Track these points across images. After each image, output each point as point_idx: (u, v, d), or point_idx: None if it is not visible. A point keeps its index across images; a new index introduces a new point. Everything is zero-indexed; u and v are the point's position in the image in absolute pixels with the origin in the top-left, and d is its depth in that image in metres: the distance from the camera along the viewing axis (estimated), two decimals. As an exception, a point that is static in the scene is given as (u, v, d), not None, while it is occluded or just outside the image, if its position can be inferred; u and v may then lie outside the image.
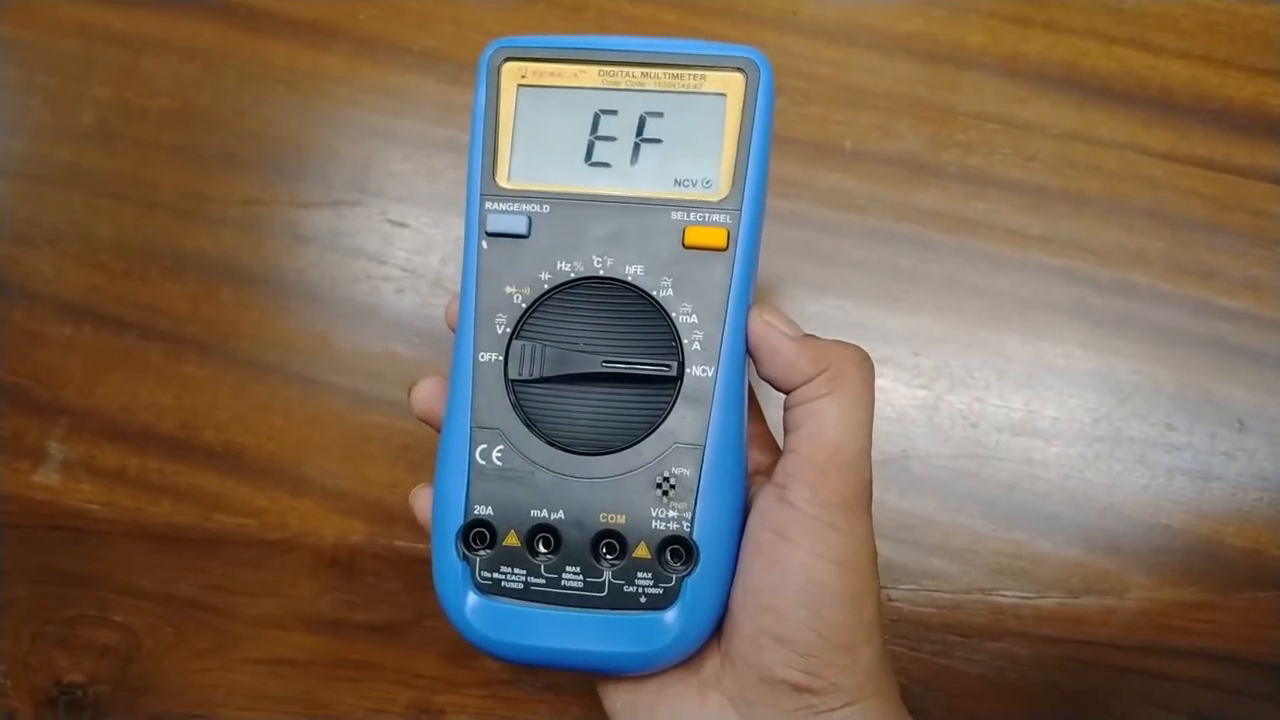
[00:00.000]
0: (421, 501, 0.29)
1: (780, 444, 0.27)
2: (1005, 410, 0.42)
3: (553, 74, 0.27)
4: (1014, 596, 0.41)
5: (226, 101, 0.49)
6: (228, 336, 0.45)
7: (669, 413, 0.26)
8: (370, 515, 0.42)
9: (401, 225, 0.46)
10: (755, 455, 0.29)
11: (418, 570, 0.42)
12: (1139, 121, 0.46)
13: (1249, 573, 0.40)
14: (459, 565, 0.26)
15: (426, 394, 0.29)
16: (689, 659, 0.27)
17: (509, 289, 0.27)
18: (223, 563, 0.42)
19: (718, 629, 0.27)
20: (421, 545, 0.42)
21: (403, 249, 0.46)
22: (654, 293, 0.26)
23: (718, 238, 0.26)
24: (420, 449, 0.43)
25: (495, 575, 0.26)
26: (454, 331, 0.28)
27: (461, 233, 0.29)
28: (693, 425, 0.26)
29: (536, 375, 0.26)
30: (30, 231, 0.47)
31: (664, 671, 0.27)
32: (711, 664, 0.27)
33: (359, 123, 0.48)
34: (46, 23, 0.51)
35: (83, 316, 0.45)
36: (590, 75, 0.27)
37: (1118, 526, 0.41)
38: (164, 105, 0.49)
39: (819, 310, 0.43)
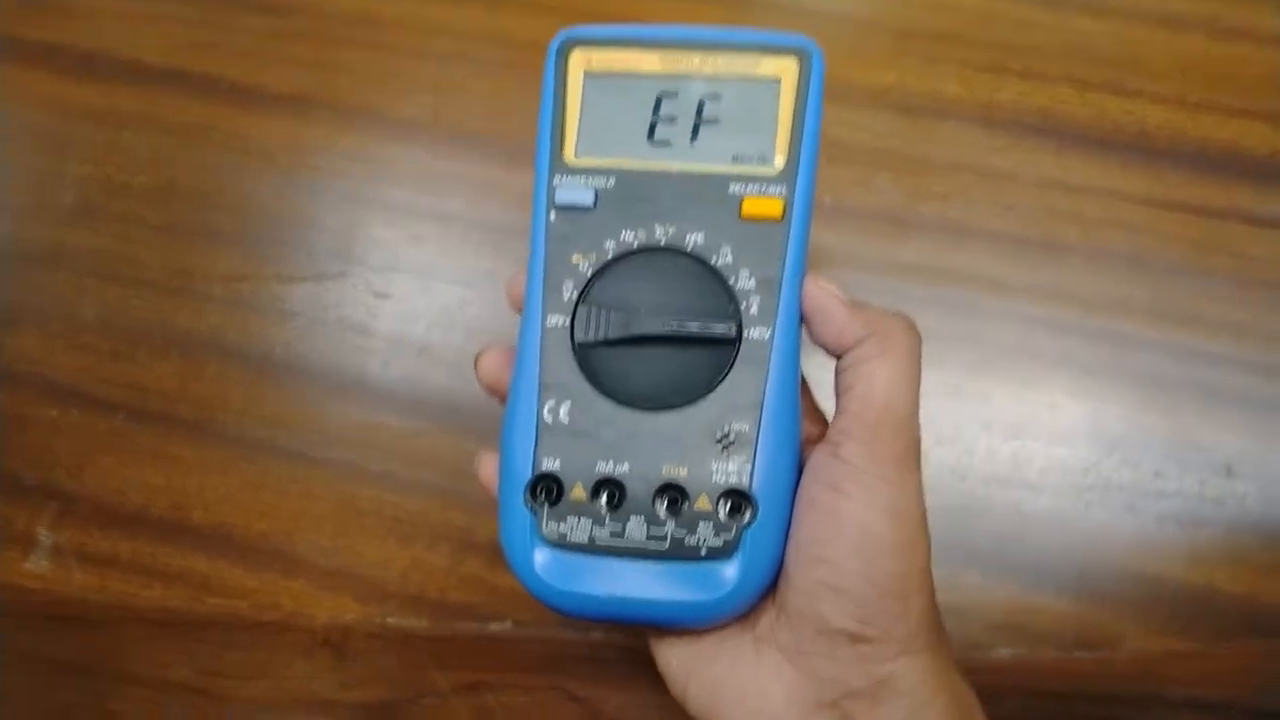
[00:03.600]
0: (487, 467, 0.29)
1: (827, 417, 0.29)
2: (993, 462, 0.42)
3: (617, 59, 0.29)
4: (1011, 653, 0.41)
5: (208, 176, 0.49)
6: (216, 414, 0.45)
7: (728, 372, 0.27)
8: (363, 593, 0.42)
9: (385, 296, 0.46)
10: (806, 425, 0.29)
11: (413, 647, 0.42)
12: (1116, 166, 0.46)
13: (1242, 619, 0.40)
14: (527, 518, 0.27)
15: (492, 363, 0.30)
16: (745, 615, 0.28)
17: (575, 257, 0.28)
18: (215, 645, 0.42)
19: (772, 585, 0.27)
20: (414, 621, 0.41)
21: (388, 319, 0.46)
22: (713, 260, 0.28)
23: (774, 208, 0.28)
24: (412, 522, 0.43)
25: (561, 527, 0.27)
26: (516, 310, 0.29)
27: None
28: (751, 384, 0.27)
29: (602, 338, 0.28)
30: (15, 313, 0.47)
31: (720, 627, 0.28)
32: (767, 619, 0.28)
33: (341, 193, 0.48)
34: (24, 100, 0.51)
35: (70, 398, 0.45)
36: (652, 61, 0.29)
37: (1109, 576, 0.41)
38: (145, 181, 0.49)
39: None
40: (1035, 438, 0.42)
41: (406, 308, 0.46)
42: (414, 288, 0.46)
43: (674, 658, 0.28)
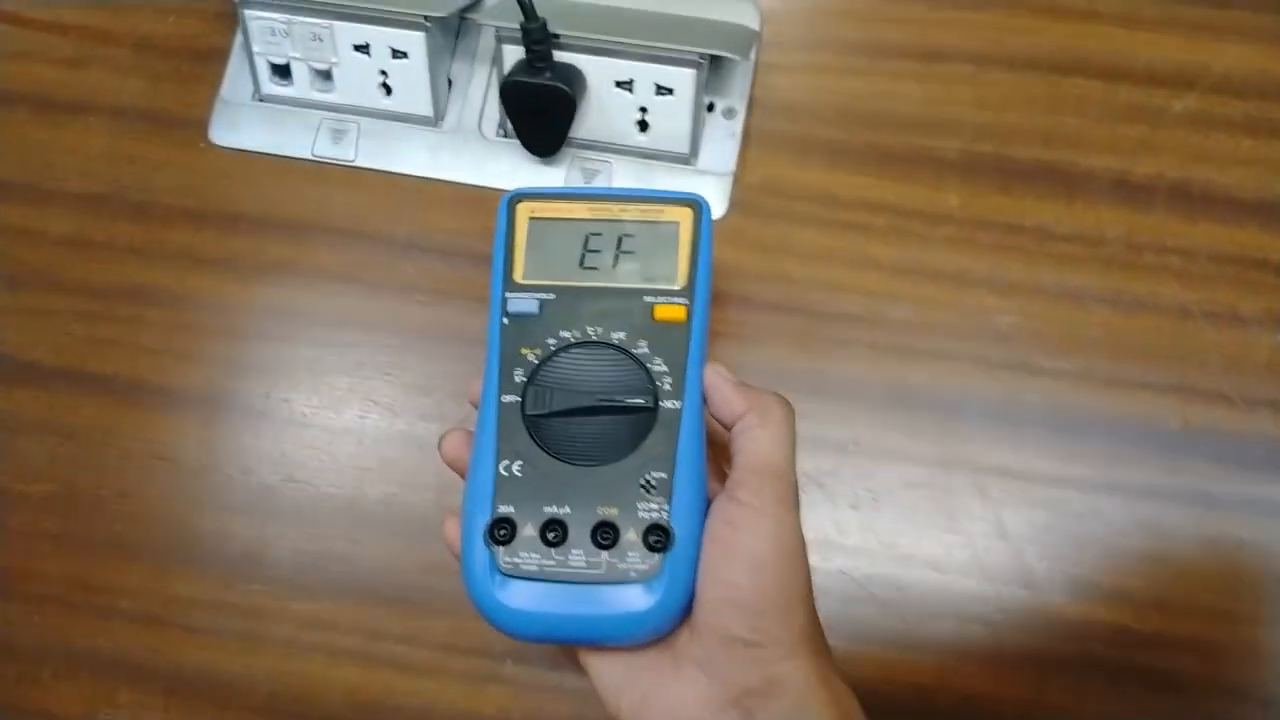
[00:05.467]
0: (450, 526, 0.35)
1: (724, 474, 0.35)
2: None
3: (554, 209, 0.38)
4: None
5: (109, 481, 0.48)
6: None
7: (648, 434, 0.34)
8: None
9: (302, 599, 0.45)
10: (711, 484, 0.35)
11: None
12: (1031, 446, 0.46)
13: None
14: (486, 555, 0.33)
15: (454, 441, 0.37)
16: (666, 635, 0.33)
17: (524, 351, 0.36)
18: None
19: (688, 607, 0.33)
20: None
21: (294, 623, 0.45)
22: (634, 350, 0.35)
23: (679, 313, 0.36)
24: None
25: (515, 560, 0.33)
26: (474, 405, 0.36)
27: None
28: (667, 442, 0.34)
29: (547, 410, 0.34)
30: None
31: (646, 646, 0.33)
32: (683, 638, 0.33)
33: (249, 496, 0.47)
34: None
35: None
36: (581, 210, 0.38)
37: None
38: (44, 490, 0.48)
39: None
40: None
41: (312, 614, 0.45)
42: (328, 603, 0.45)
43: (608, 676, 0.34)
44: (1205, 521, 0.46)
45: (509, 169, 0.55)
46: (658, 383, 0.35)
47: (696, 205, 0.38)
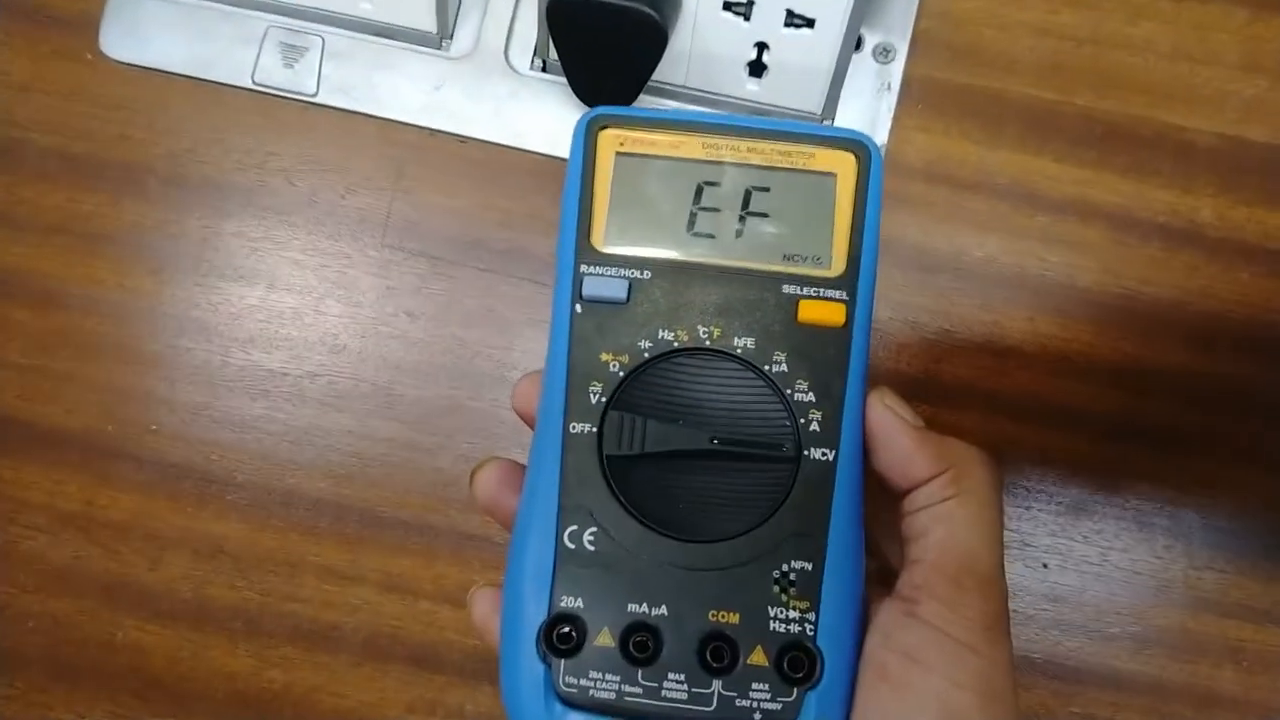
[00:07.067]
0: (483, 604, 0.27)
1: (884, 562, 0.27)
2: None
3: (652, 143, 0.27)
4: None
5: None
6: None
7: (786, 498, 0.25)
8: None
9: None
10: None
11: None
12: None
13: None
14: (539, 670, 0.24)
15: (493, 478, 0.27)
16: None
17: (605, 357, 0.26)
18: None
19: None
20: None
21: None
22: (766, 367, 0.26)
23: (836, 313, 0.26)
24: None
25: (583, 682, 0.24)
26: (526, 423, 0.27)
27: None
28: (813, 513, 0.25)
29: (637, 450, 0.25)
30: None
31: None
32: None
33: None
34: None
35: None
36: (693, 146, 0.27)
37: None
38: None
39: None
40: None
41: None
42: None
43: None
44: None
45: (547, 120, 0.39)
46: (801, 418, 0.25)
47: (862, 150, 0.27)
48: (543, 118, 0.38)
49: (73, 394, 0.38)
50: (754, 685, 0.24)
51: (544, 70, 0.39)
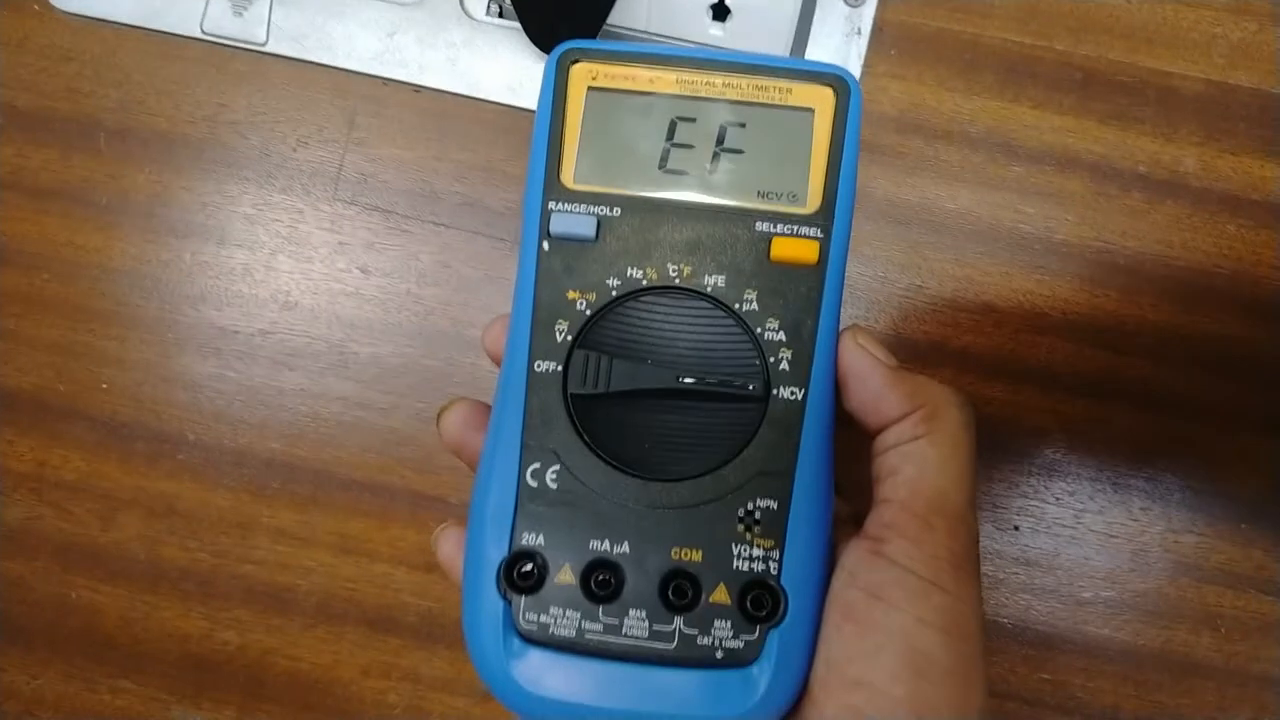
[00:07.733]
0: (448, 543, 0.26)
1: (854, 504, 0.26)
2: None
3: (626, 77, 0.26)
4: None
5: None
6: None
7: (754, 437, 0.24)
8: None
9: None
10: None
11: None
12: None
13: None
14: (500, 606, 0.24)
15: (459, 418, 0.26)
16: None
17: (571, 295, 0.25)
18: None
19: (795, 706, 0.24)
20: None
21: None
22: (736, 305, 0.25)
23: (809, 251, 0.25)
24: None
25: (543, 618, 0.24)
26: (494, 362, 0.26)
27: None
28: (780, 452, 0.24)
29: (602, 389, 0.24)
30: None
31: None
32: None
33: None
34: None
35: None
36: (667, 81, 0.26)
37: None
38: None
39: None
40: None
41: None
42: None
43: None
44: None
45: (502, 68, 0.37)
46: (771, 357, 0.25)
47: (841, 85, 0.26)
48: (498, 65, 0.37)
49: (22, 353, 0.37)
50: (716, 623, 0.24)
51: (500, 16, 0.37)
